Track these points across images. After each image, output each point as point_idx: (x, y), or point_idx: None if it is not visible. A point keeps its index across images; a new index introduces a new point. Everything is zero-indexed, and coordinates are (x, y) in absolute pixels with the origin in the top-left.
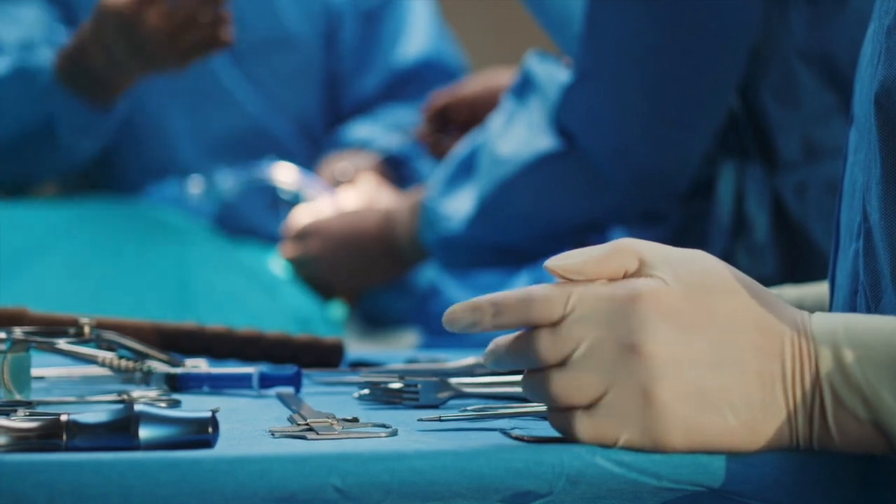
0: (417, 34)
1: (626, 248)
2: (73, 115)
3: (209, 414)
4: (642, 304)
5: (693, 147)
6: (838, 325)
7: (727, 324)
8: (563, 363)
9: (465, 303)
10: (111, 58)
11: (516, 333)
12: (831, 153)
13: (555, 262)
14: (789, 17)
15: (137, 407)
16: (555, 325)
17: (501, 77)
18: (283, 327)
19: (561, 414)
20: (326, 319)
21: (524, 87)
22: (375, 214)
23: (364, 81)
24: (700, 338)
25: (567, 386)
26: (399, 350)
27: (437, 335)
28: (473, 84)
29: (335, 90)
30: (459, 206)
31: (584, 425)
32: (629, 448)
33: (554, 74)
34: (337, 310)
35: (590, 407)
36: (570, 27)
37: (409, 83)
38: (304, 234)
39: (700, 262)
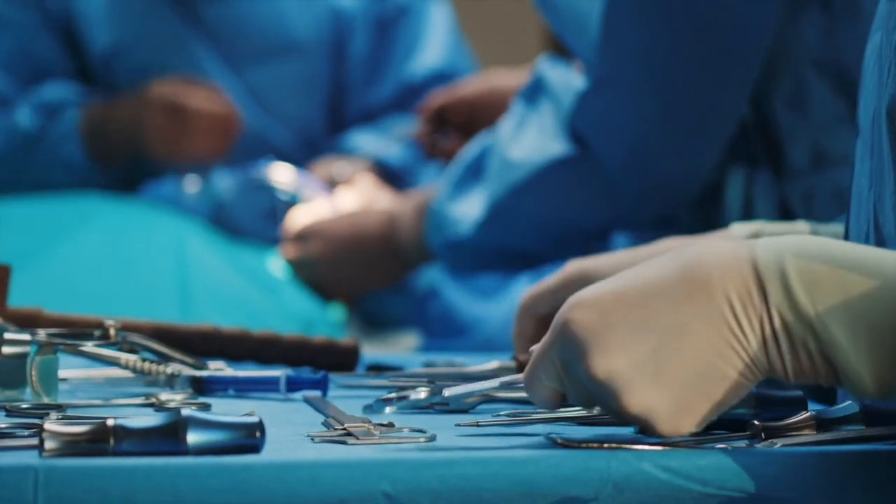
0: (433, 46)
1: None
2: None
3: (257, 419)
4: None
5: (706, 155)
6: (786, 252)
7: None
8: None
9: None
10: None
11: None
12: (838, 161)
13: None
14: (802, 27)
15: (185, 412)
16: None
17: (501, 78)
18: (284, 329)
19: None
20: (328, 321)
21: (535, 91)
22: (377, 216)
23: (375, 91)
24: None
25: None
26: (405, 352)
27: (437, 337)
28: (472, 84)
29: (340, 100)
30: (468, 209)
31: None
32: None
33: (567, 79)
34: (336, 311)
35: None
36: (586, 33)
37: (420, 95)
38: (304, 236)
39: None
